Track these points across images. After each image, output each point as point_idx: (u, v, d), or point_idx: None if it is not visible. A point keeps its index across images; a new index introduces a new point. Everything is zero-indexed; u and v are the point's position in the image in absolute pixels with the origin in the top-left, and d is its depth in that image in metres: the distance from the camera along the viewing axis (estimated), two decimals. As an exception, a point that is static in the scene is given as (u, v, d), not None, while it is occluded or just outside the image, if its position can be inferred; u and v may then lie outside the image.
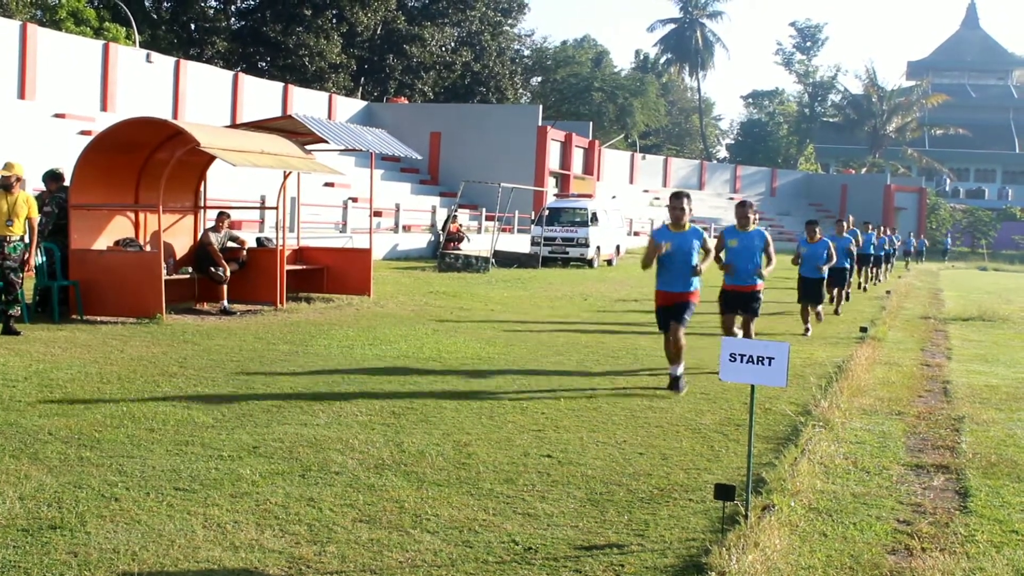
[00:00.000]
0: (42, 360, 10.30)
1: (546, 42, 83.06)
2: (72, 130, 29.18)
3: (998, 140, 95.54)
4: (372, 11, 54.20)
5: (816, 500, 6.31)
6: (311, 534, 5.32)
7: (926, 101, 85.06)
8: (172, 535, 5.22)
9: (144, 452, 6.81)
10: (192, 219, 16.68)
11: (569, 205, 35.87)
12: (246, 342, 12.31)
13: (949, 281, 36.72)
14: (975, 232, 76.98)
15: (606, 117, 68.94)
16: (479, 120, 47.77)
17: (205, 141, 14.01)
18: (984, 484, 6.91)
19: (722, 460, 7.28)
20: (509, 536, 5.44)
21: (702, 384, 10.47)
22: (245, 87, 40.80)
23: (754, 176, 74.83)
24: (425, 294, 19.99)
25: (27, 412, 7.87)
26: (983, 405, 10.04)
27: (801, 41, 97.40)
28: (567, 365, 11.64)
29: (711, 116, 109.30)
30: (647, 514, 5.94)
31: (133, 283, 13.88)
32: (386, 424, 7.98)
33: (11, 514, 5.41)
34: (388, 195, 36.63)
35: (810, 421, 8.48)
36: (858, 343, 14.51)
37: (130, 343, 11.76)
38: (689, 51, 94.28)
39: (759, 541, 5.18)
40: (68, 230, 13.99)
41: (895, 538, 5.70)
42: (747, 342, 5.96)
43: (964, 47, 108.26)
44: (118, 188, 15.08)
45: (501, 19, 67.31)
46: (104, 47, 34.88)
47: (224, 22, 54.11)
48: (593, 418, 8.63)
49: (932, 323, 18.99)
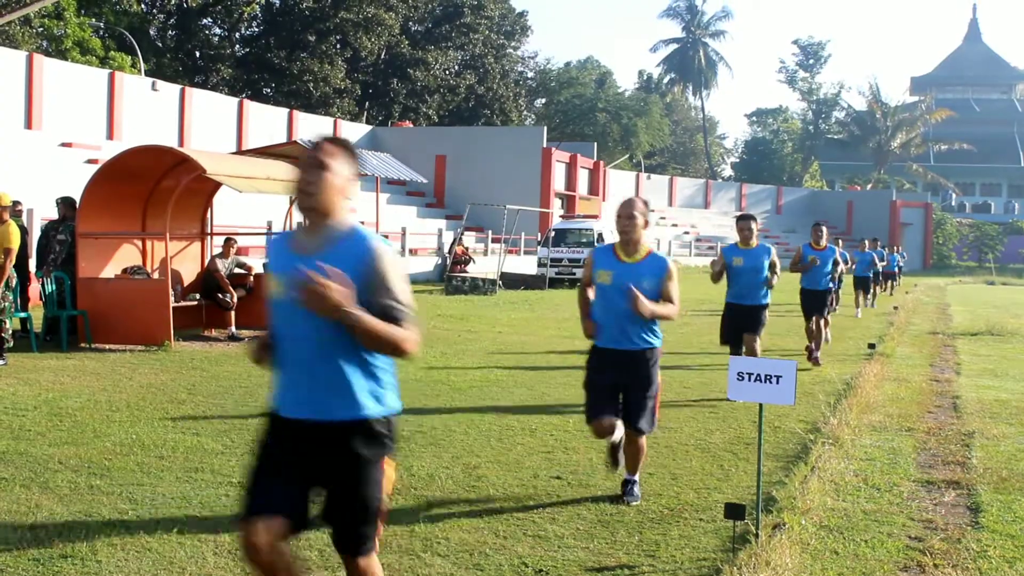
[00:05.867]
0: (51, 389, 10.32)
1: (549, 64, 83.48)
2: (79, 159, 29.29)
3: (1003, 154, 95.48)
4: (376, 36, 54.43)
5: (827, 518, 6.29)
6: (322, 560, 5.32)
7: (930, 116, 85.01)
8: (183, 563, 5.22)
9: (154, 480, 6.82)
10: (199, 246, 16.72)
11: (575, 226, 35.90)
12: (254, 368, 12.27)
13: (957, 296, 36.64)
14: (982, 246, 76.84)
15: (610, 137, 69.10)
16: (484, 143, 47.87)
17: (211, 168, 14.06)
18: (995, 499, 6.89)
19: (732, 479, 7.27)
20: (520, 559, 5.43)
21: (711, 403, 10.46)
22: (250, 113, 40.96)
23: (760, 194, 74.82)
24: (433, 317, 20.00)
25: (37, 441, 7.89)
26: (993, 420, 10.01)
27: (804, 59, 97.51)
28: (575, 386, 11.59)
29: (715, 135, 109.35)
30: (658, 534, 5.93)
31: (141, 311, 13.91)
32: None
33: (22, 543, 5.41)
34: (394, 219, 36.68)
35: (819, 439, 8.46)
36: (866, 360, 14.48)
37: (139, 371, 11.79)
38: (692, 70, 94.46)
39: (770, 560, 5.17)
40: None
41: (907, 555, 5.68)
42: (755, 360, 5.96)
43: (967, 62, 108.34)
44: (125, 216, 15.12)
45: (504, 42, 67.56)
46: (110, 76, 35.07)
47: (228, 49, 54.39)
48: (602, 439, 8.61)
49: (940, 338, 18.94)
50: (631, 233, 6.42)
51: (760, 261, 10.85)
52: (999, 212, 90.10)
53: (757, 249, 10.96)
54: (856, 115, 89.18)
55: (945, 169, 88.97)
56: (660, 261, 6.44)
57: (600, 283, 6.46)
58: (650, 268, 6.39)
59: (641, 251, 6.48)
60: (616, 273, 6.39)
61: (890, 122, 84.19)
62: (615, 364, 6.41)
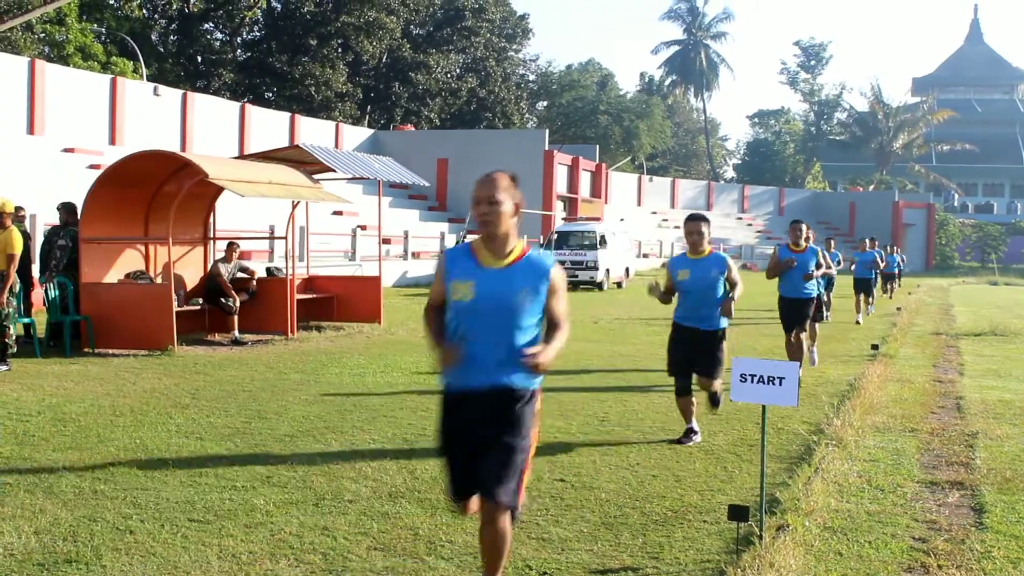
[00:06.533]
0: (55, 394, 10.33)
1: (551, 66, 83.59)
2: (81, 164, 29.31)
3: (1005, 154, 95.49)
4: (377, 40, 54.51)
5: (830, 519, 6.29)
6: (326, 563, 5.32)
7: (932, 117, 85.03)
8: (187, 567, 5.22)
9: (158, 484, 6.83)
10: (202, 250, 16.75)
11: (577, 228, 35.90)
12: (257, 372, 12.33)
13: (960, 296, 36.61)
14: (985, 247, 76.82)
15: (612, 140, 69.16)
16: (486, 145, 47.88)
17: (213, 173, 14.08)
18: (999, 500, 6.88)
19: (736, 481, 7.27)
20: (524, 561, 5.43)
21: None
22: (252, 118, 40.98)
23: (762, 196, 74.82)
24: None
25: (41, 446, 7.90)
26: (997, 420, 10.00)
27: (806, 60, 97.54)
28: (578, 388, 11.63)
29: (717, 136, 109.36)
30: (662, 536, 5.93)
31: (144, 315, 13.93)
32: (399, 451, 7.98)
33: (27, 548, 5.42)
34: (396, 222, 36.68)
35: (823, 440, 8.46)
36: (869, 360, 14.47)
37: (142, 375, 11.80)
38: (694, 72, 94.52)
39: (774, 561, 5.17)
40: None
41: (911, 556, 5.68)
42: (758, 362, 5.93)
43: (969, 62, 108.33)
44: (128, 221, 15.15)
45: (506, 45, 67.63)
46: (112, 81, 35.11)
47: (230, 54, 54.47)
48: (605, 441, 8.62)
49: (944, 339, 18.92)
50: (495, 225, 4.54)
51: (710, 273, 8.54)
52: (1002, 212, 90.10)
53: (708, 259, 8.61)
54: (858, 116, 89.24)
55: (947, 170, 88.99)
56: (541, 264, 4.61)
57: (458, 299, 4.53)
58: (526, 273, 4.55)
59: (516, 250, 4.60)
60: (479, 282, 4.51)
61: (892, 123, 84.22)
62: (476, 412, 4.55)
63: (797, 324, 12.41)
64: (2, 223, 11.76)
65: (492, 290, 4.51)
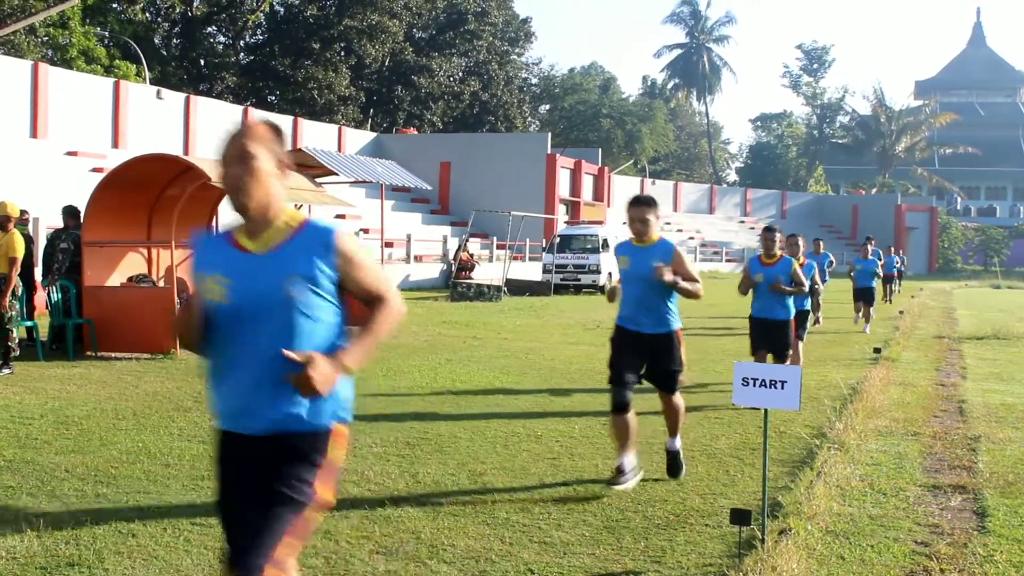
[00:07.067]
0: (57, 397, 10.34)
1: (553, 70, 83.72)
2: (84, 167, 29.37)
3: (1008, 157, 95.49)
4: (380, 43, 54.56)
5: (833, 523, 6.29)
6: (328, 567, 5.32)
7: (934, 120, 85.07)
8: (189, 570, 5.23)
9: (160, 488, 6.83)
10: (204, 254, 16.74)
11: (580, 232, 35.91)
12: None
13: (962, 300, 36.58)
14: (987, 250, 76.79)
15: (615, 143, 69.17)
16: (488, 149, 47.91)
17: (216, 176, 14.08)
18: (1002, 503, 6.88)
19: (738, 484, 7.27)
20: (526, 565, 5.43)
21: (715, 409, 10.45)
22: (255, 121, 41.04)
23: (764, 199, 74.84)
24: (438, 324, 20.01)
25: (43, 449, 7.90)
26: (999, 424, 9.99)
27: (808, 63, 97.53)
28: (580, 393, 11.63)
29: (720, 140, 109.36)
30: (663, 540, 5.93)
31: (147, 319, 13.93)
32: (401, 455, 7.98)
33: (29, 551, 5.42)
34: (399, 226, 36.73)
35: (825, 443, 8.46)
36: (872, 364, 14.46)
37: (145, 379, 11.80)
38: (696, 76, 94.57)
39: (776, 565, 5.17)
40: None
41: (913, 560, 5.67)
42: (760, 366, 5.93)
43: (971, 65, 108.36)
44: (131, 224, 15.16)
45: (508, 48, 67.67)
46: (115, 85, 35.17)
47: (233, 57, 54.52)
48: (608, 445, 8.61)
49: (946, 342, 18.91)
50: (248, 193, 3.45)
51: (650, 266, 6.90)
52: (1004, 215, 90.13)
53: (653, 247, 7.07)
54: (860, 119, 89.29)
55: (950, 173, 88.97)
56: (317, 234, 3.58)
57: (212, 301, 3.50)
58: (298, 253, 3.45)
59: (283, 224, 3.55)
60: (233, 275, 3.44)
61: (894, 126, 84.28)
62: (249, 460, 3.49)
63: (767, 348, 10.54)
64: (4, 226, 11.78)
65: (252, 285, 3.32)
